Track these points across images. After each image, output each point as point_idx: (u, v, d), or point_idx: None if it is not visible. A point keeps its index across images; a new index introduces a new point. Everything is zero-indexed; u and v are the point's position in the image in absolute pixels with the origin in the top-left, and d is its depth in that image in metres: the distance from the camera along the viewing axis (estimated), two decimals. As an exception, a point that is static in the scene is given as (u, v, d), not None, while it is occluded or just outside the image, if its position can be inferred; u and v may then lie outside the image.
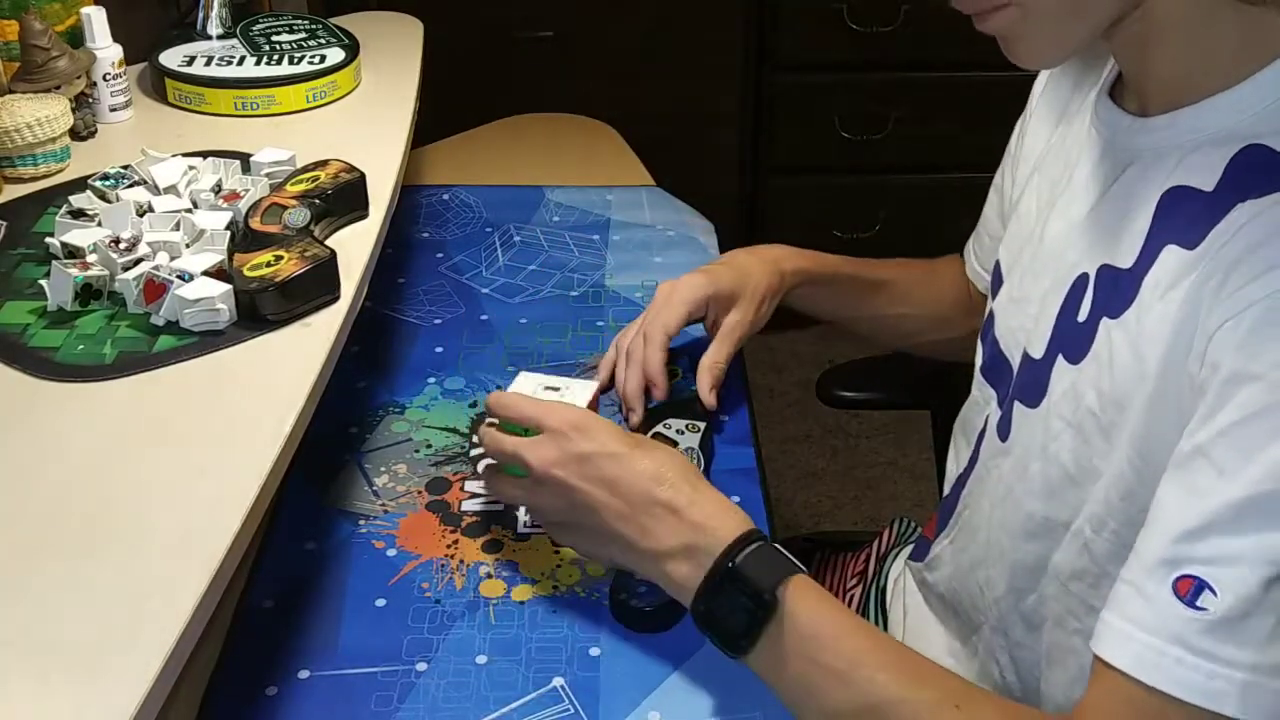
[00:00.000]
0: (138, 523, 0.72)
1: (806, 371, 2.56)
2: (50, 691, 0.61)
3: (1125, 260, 0.75)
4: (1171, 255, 0.71)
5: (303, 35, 1.35)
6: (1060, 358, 0.80)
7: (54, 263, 0.92)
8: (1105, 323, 0.76)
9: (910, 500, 2.24)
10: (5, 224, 1.03)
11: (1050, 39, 0.74)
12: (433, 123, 1.48)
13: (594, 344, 1.17)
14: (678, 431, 1.02)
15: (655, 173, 1.54)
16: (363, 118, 1.27)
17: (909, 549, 1.10)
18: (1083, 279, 0.80)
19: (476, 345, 1.17)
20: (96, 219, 0.99)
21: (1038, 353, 0.83)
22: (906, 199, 2.46)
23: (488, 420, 0.91)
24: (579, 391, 0.96)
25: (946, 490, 1.00)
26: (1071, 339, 0.79)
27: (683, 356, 1.13)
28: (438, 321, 1.21)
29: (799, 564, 0.77)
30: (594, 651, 0.84)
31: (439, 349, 1.16)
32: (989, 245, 1.05)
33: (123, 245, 0.94)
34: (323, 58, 1.29)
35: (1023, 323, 0.87)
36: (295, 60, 1.29)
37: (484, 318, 1.21)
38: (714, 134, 2.39)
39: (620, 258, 1.33)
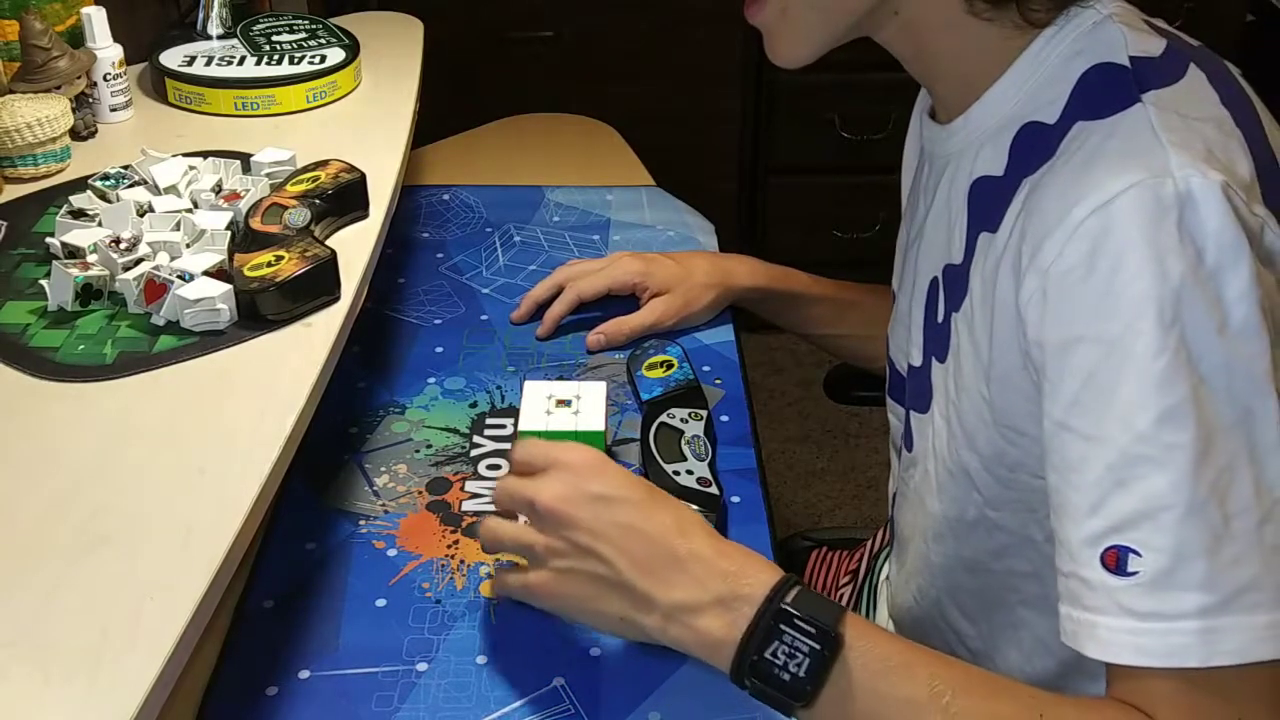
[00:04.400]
0: (138, 523, 0.72)
1: (806, 371, 2.56)
2: (50, 691, 0.61)
3: (958, 256, 0.80)
4: (983, 242, 0.76)
5: (303, 35, 1.35)
6: (934, 360, 0.84)
7: (54, 263, 0.92)
8: (954, 317, 0.80)
9: (910, 500, 2.24)
10: (5, 224, 1.03)
11: (801, 36, 0.79)
12: (433, 123, 1.48)
13: (594, 344, 1.18)
14: (682, 420, 1.03)
15: (655, 173, 1.54)
16: (363, 118, 1.27)
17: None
18: (934, 283, 0.84)
19: (476, 345, 1.17)
20: (97, 219, 0.99)
21: (917, 360, 0.87)
22: (906, 199, 2.46)
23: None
24: (591, 395, 0.96)
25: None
26: (937, 340, 0.83)
27: (678, 345, 1.14)
28: (438, 321, 1.21)
29: (839, 604, 0.75)
30: (594, 652, 0.84)
31: (439, 349, 1.16)
32: None
33: (123, 245, 0.94)
34: (323, 58, 1.30)
35: (904, 335, 0.91)
36: (295, 60, 1.29)
37: (484, 318, 1.21)
38: (714, 134, 2.39)
39: (620, 258, 1.33)
